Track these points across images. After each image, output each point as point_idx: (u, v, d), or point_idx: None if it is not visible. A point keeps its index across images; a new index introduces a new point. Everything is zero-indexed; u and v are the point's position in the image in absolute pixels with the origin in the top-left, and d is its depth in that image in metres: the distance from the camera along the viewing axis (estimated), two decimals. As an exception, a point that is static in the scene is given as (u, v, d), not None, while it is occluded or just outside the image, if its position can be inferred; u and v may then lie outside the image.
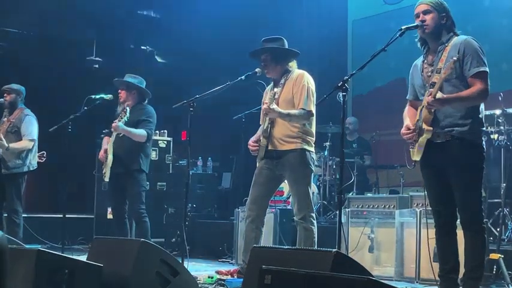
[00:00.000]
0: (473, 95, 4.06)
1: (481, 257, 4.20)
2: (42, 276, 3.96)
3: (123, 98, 6.57)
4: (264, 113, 5.28)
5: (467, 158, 4.10)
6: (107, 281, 4.21)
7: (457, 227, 4.27)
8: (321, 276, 2.85)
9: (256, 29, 9.51)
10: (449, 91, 4.10)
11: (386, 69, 9.88)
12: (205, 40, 11.22)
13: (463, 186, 4.12)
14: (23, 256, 4.06)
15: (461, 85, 4.10)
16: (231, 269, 5.93)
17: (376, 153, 9.20)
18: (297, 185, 5.22)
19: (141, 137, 6.40)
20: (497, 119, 6.52)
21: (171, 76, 11.58)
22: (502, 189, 6.34)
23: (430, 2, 4.26)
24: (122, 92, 6.58)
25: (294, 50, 5.46)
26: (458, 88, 4.10)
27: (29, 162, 7.09)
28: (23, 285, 3.88)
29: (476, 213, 4.14)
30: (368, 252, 6.28)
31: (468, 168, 4.11)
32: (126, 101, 6.56)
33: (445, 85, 4.10)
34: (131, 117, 6.41)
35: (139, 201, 6.41)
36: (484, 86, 4.06)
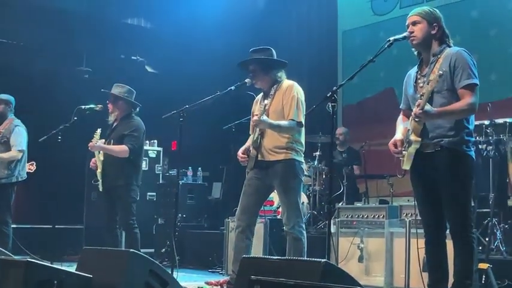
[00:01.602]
0: (461, 108, 4.08)
1: (470, 267, 4.21)
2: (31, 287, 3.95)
3: (111, 108, 6.58)
4: (254, 124, 5.29)
5: (456, 168, 4.12)
6: (96, 291, 4.20)
7: (447, 236, 4.28)
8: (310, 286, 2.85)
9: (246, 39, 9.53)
10: (440, 103, 4.11)
11: (376, 80, 9.93)
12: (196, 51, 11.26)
13: (452, 196, 4.13)
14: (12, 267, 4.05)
15: (452, 97, 4.12)
16: (220, 280, 5.94)
17: (366, 163, 9.22)
18: (286, 195, 5.23)
19: (122, 153, 6.38)
20: (485, 129, 6.55)
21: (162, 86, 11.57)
22: (491, 199, 6.36)
23: (420, 12, 4.28)
24: (110, 105, 6.59)
25: (282, 61, 5.46)
26: (449, 100, 4.11)
27: (18, 172, 7.07)
28: (11, 296, 3.86)
29: (465, 223, 4.15)
30: (358, 262, 6.29)
31: (457, 178, 4.12)
32: (113, 112, 6.57)
33: (436, 96, 4.12)
34: (118, 130, 6.41)
35: (129, 212, 6.39)
36: (473, 99, 4.07)
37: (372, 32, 10.54)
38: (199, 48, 11.15)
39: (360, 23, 11.15)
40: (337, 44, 11.49)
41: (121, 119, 6.57)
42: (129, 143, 6.38)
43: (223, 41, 10.85)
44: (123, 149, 6.36)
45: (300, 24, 11.56)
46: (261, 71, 5.36)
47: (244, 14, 11.14)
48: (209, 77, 10.43)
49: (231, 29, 10.92)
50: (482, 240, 6.17)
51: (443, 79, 4.08)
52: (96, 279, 4.19)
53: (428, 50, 4.28)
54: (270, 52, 5.44)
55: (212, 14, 10.94)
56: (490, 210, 6.35)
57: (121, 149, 6.36)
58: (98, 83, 7.76)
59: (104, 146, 6.32)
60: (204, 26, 11.00)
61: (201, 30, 11.04)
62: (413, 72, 4.39)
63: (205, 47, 11.08)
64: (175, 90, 10.90)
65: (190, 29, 11.14)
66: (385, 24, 10.40)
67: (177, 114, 5.70)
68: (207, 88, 6.40)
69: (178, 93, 10.33)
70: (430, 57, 4.26)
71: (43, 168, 7.61)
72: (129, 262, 4.27)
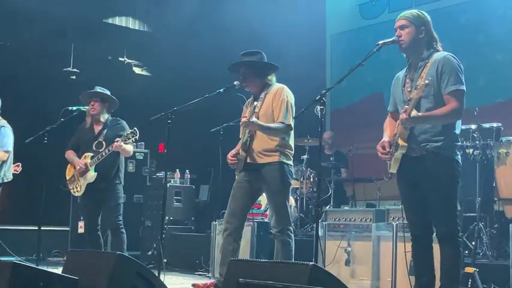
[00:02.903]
0: (446, 114, 4.11)
1: (456, 271, 4.23)
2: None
3: (97, 110, 6.51)
4: (243, 125, 5.30)
5: (442, 172, 4.14)
6: (83, 294, 4.20)
7: (433, 240, 4.30)
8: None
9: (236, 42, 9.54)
10: (426, 107, 4.14)
11: (364, 84, 9.97)
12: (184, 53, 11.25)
13: (438, 199, 4.15)
14: (-2, 268, 4.04)
15: (438, 102, 4.14)
16: (207, 282, 5.92)
17: (353, 166, 9.25)
18: (275, 198, 5.24)
19: (130, 153, 6.52)
20: (472, 134, 6.60)
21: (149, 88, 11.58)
22: (477, 203, 6.40)
23: (408, 16, 4.30)
24: (96, 104, 6.52)
25: (273, 64, 5.48)
26: (436, 104, 4.13)
27: (3, 173, 7.04)
28: (-3, 298, 3.85)
29: (452, 227, 4.17)
30: (345, 265, 6.30)
31: (443, 182, 4.15)
32: (100, 113, 6.53)
33: (423, 101, 4.14)
34: (110, 132, 6.39)
35: (118, 212, 6.39)
36: (458, 105, 4.10)
37: (360, 35, 10.59)
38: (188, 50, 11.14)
39: (348, 26, 11.21)
40: (326, 47, 11.54)
41: (107, 121, 6.55)
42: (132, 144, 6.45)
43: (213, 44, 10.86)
44: (131, 149, 6.49)
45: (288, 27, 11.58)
46: (251, 74, 5.37)
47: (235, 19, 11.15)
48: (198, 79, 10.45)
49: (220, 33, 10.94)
50: (469, 244, 6.21)
51: (431, 83, 4.10)
52: (82, 281, 4.18)
53: (417, 53, 4.30)
54: (261, 55, 5.45)
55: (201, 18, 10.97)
56: (477, 215, 6.39)
57: (131, 149, 6.48)
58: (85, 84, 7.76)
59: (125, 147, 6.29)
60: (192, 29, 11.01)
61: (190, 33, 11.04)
62: (402, 76, 4.41)
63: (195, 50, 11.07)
64: (162, 92, 10.91)
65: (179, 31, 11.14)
66: (373, 28, 10.46)
67: (165, 116, 5.69)
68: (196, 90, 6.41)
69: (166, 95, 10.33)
70: (419, 62, 4.28)
71: (29, 170, 7.58)
72: (115, 264, 4.26)
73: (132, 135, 6.21)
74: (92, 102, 6.54)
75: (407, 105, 4.06)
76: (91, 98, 6.56)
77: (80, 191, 6.47)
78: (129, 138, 6.20)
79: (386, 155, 4.28)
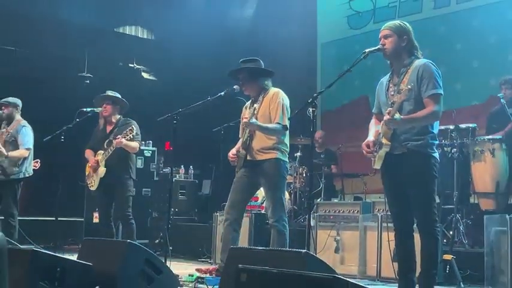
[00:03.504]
0: (425, 116, 4.11)
1: (435, 258, 4.24)
2: (36, 274, 3.94)
3: (109, 112, 6.54)
4: (243, 126, 5.31)
5: (421, 168, 4.14)
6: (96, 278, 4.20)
7: (414, 230, 4.31)
8: (291, 274, 2.87)
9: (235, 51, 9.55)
10: (408, 110, 4.14)
11: (352, 88, 9.96)
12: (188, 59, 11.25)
13: (418, 193, 4.15)
14: (19, 255, 4.03)
15: (418, 105, 4.13)
16: (210, 268, 5.92)
17: (342, 163, 9.25)
18: (271, 192, 5.24)
19: (135, 149, 6.44)
20: (450, 134, 6.60)
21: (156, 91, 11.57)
22: (455, 196, 6.41)
23: (391, 26, 4.29)
24: (108, 107, 6.54)
25: (269, 70, 5.49)
26: (416, 107, 4.13)
27: (25, 169, 7.03)
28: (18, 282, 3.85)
29: (431, 218, 4.17)
30: (334, 252, 6.31)
31: (423, 177, 4.14)
32: (111, 114, 6.55)
33: (405, 104, 4.14)
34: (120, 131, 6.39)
35: (127, 205, 6.39)
36: (436, 108, 4.10)
37: (348, 44, 10.58)
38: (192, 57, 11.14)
39: (337, 36, 11.20)
40: (317, 55, 11.54)
41: (118, 121, 6.55)
42: (137, 141, 6.42)
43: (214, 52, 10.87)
44: (137, 145, 6.42)
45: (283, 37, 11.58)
46: (250, 79, 5.37)
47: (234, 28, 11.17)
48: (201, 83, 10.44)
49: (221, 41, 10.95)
50: (447, 233, 6.22)
51: (412, 88, 4.11)
52: (96, 267, 4.18)
53: (399, 60, 4.29)
54: (258, 62, 5.47)
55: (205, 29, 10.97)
56: (454, 207, 6.40)
57: (136, 146, 6.41)
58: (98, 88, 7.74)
59: (127, 143, 6.28)
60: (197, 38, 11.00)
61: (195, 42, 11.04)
62: (385, 81, 4.41)
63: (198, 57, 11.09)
64: (169, 95, 10.90)
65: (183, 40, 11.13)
66: (360, 38, 10.45)
67: (171, 117, 5.70)
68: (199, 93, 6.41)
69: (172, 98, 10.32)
70: (401, 68, 4.27)
71: (47, 166, 7.57)
72: (126, 252, 4.28)
73: (129, 132, 6.23)
74: (104, 105, 6.56)
75: (391, 108, 4.07)
76: (103, 101, 6.58)
77: (94, 186, 6.48)
78: (128, 134, 6.23)
79: (370, 153, 4.28)
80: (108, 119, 6.56)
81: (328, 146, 9.50)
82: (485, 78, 8.65)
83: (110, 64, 11.58)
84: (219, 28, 11.19)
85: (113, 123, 6.57)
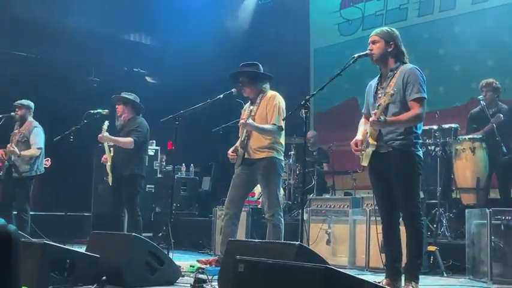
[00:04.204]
0: (409, 118, 4.11)
1: (420, 249, 4.26)
2: (47, 265, 3.95)
3: (120, 111, 6.55)
4: (242, 126, 5.31)
5: (406, 166, 4.14)
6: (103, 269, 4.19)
7: (400, 223, 4.31)
8: (286, 265, 2.87)
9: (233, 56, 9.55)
10: (393, 112, 4.14)
11: (342, 91, 9.96)
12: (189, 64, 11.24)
13: (403, 189, 4.15)
14: (31, 248, 4.04)
15: (403, 107, 4.14)
16: (209, 259, 5.93)
17: (333, 161, 9.25)
18: (268, 188, 5.24)
19: (127, 144, 6.33)
20: (434, 133, 6.63)
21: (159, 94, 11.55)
22: (438, 192, 6.42)
23: (379, 33, 4.30)
24: (119, 107, 6.55)
25: (268, 74, 5.50)
26: (401, 109, 4.13)
27: (36, 167, 7.02)
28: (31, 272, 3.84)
29: (416, 212, 4.18)
30: (326, 244, 6.31)
31: (407, 174, 4.14)
32: (123, 114, 6.54)
33: (391, 106, 4.14)
34: (126, 128, 6.39)
35: (134, 201, 6.35)
36: (420, 111, 4.10)
37: (338, 49, 10.57)
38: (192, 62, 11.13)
39: (328, 42, 11.20)
40: (310, 59, 11.54)
41: (129, 120, 6.54)
42: (134, 136, 6.34)
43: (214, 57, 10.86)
44: (129, 140, 6.32)
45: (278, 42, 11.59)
46: (249, 82, 5.37)
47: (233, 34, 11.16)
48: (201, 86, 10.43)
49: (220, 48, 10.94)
50: (431, 226, 6.24)
51: (397, 92, 4.12)
52: (103, 258, 4.18)
53: (386, 65, 4.29)
54: (257, 66, 5.47)
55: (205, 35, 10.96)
56: (438, 202, 6.41)
57: (126, 141, 6.32)
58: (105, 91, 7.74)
59: (111, 137, 6.26)
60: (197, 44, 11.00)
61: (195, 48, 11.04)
62: (374, 83, 4.41)
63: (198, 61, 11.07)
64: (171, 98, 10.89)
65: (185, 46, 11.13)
66: (350, 43, 10.45)
67: (173, 118, 5.70)
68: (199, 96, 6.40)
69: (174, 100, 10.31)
70: (388, 72, 4.28)
71: (57, 164, 7.56)
72: (131, 244, 4.28)
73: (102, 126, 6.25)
74: (116, 106, 6.58)
75: (377, 110, 4.08)
76: (116, 101, 6.59)
77: (110, 181, 6.46)
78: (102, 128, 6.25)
79: (358, 151, 4.29)
80: (122, 118, 6.56)
81: (320, 145, 9.50)
82: (466, 81, 8.65)
83: (116, 69, 11.57)
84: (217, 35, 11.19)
85: (125, 121, 6.56)
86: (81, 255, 4.19)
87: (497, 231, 4.91)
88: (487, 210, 4.99)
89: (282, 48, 11.44)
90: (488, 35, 8.71)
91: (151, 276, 4.24)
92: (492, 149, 6.53)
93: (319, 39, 11.49)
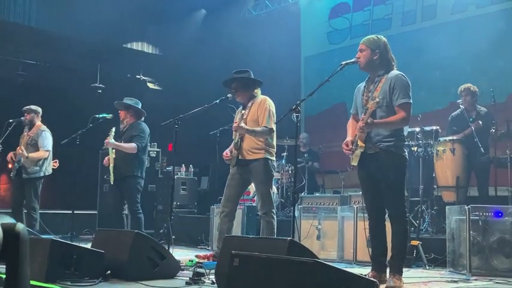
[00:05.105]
0: (396, 121, 4.12)
1: (404, 243, 4.26)
2: (55, 260, 3.93)
3: (123, 116, 6.53)
4: (234, 130, 5.30)
5: (392, 166, 4.15)
6: (108, 264, 4.18)
7: (386, 219, 4.32)
8: (278, 259, 2.87)
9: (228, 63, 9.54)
10: (380, 115, 4.15)
11: (331, 95, 9.96)
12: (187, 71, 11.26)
13: (389, 188, 4.16)
14: (40, 244, 4.03)
15: (390, 111, 4.14)
16: (207, 254, 5.91)
17: (323, 161, 9.26)
18: (261, 187, 5.23)
19: (131, 149, 6.29)
20: (416, 135, 6.64)
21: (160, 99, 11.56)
22: (421, 190, 6.44)
23: (365, 42, 4.30)
24: (122, 112, 6.53)
25: (258, 80, 5.48)
26: (388, 113, 4.14)
27: (44, 168, 6.99)
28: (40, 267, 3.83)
29: (401, 209, 4.19)
30: (316, 239, 6.31)
31: (393, 173, 4.15)
32: (125, 119, 6.52)
33: (378, 111, 4.15)
34: (128, 132, 6.37)
35: (134, 200, 6.32)
36: (406, 115, 4.11)
37: (328, 57, 10.59)
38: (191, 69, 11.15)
39: (318, 50, 11.22)
40: (301, 67, 11.55)
41: (131, 124, 6.52)
42: (137, 142, 6.31)
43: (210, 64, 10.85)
44: (132, 146, 6.28)
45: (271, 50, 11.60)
46: (241, 88, 5.36)
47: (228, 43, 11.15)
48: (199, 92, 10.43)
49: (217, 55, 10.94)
50: (414, 222, 6.24)
51: (384, 98, 4.12)
52: (107, 254, 4.17)
53: (373, 71, 4.29)
54: (249, 73, 5.46)
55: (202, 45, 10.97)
56: (420, 199, 6.42)
57: (130, 146, 6.29)
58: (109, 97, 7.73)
59: (116, 143, 6.24)
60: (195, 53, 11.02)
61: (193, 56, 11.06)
62: (362, 86, 4.41)
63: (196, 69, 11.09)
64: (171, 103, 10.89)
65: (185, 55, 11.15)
66: (338, 52, 10.47)
67: (173, 122, 5.68)
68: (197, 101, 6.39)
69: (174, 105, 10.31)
70: (375, 77, 4.28)
71: (65, 165, 7.54)
72: (134, 240, 4.26)
73: (110, 132, 6.23)
74: (119, 111, 6.56)
75: (365, 115, 4.08)
76: (118, 107, 6.58)
77: (112, 180, 6.44)
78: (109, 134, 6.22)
79: (349, 151, 4.29)
80: (124, 122, 6.54)
81: (310, 146, 9.51)
82: (446, 86, 8.67)
83: (119, 76, 11.57)
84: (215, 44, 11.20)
85: (126, 126, 6.54)
86: (87, 251, 4.18)
87: (475, 227, 4.92)
88: (466, 207, 5.00)
89: (275, 56, 11.45)
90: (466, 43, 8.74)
91: (153, 270, 4.23)
92: (471, 150, 6.54)
93: (309, 47, 11.51)
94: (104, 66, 11.31)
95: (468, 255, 4.87)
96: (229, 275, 3.02)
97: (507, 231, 4.83)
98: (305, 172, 8.46)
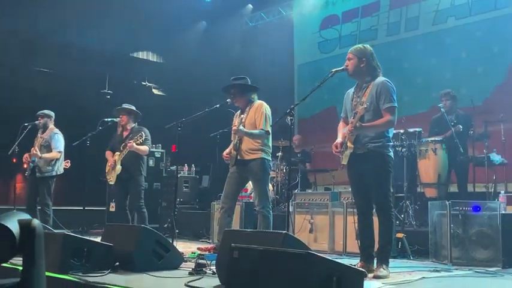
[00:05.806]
0: (382, 124, 4.12)
1: (390, 236, 4.26)
2: (67, 253, 3.92)
3: (125, 121, 6.52)
4: (233, 132, 5.30)
5: (379, 165, 4.16)
6: (116, 256, 4.17)
7: (373, 214, 4.32)
8: (274, 251, 2.87)
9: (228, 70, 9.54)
10: (367, 118, 4.15)
11: (322, 100, 10.01)
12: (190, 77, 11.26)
13: (376, 184, 4.17)
14: (53, 238, 4.02)
15: (377, 115, 4.14)
16: (208, 246, 5.91)
17: (315, 161, 9.26)
18: (258, 184, 5.23)
19: (145, 152, 6.38)
20: (401, 136, 6.65)
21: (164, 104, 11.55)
22: (405, 187, 6.45)
23: (352, 51, 4.30)
24: (124, 117, 6.53)
25: (255, 86, 5.48)
26: (375, 116, 4.14)
27: (57, 168, 6.97)
28: (53, 260, 3.82)
29: (387, 204, 4.19)
30: (309, 233, 6.31)
31: (380, 172, 4.16)
32: (127, 123, 6.52)
33: (366, 115, 4.14)
34: (133, 137, 6.35)
35: (139, 197, 6.33)
36: (392, 118, 4.12)
37: (319, 65, 10.61)
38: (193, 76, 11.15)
39: (310, 58, 11.25)
40: (294, 74, 11.57)
41: (132, 128, 6.52)
42: (148, 145, 6.38)
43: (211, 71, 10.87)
44: (146, 149, 6.35)
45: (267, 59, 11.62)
46: (239, 93, 5.35)
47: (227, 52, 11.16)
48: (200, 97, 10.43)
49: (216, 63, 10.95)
50: (399, 216, 6.25)
51: (371, 102, 4.12)
52: (116, 247, 4.16)
53: (361, 78, 4.30)
54: (246, 80, 5.46)
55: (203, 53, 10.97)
56: (404, 195, 6.44)
57: (145, 149, 6.34)
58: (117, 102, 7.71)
59: (136, 146, 6.24)
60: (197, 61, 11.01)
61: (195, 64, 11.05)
62: (351, 92, 4.41)
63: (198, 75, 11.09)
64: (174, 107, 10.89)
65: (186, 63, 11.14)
66: (328, 60, 10.49)
67: (176, 125, 5.67)
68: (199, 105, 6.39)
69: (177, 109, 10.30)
70: (363, 83, 4.29)
71: (76, 165, 7.52)
72: (140, 234, 4.25)
73: (139, 138, 6.20)
74: (121, 115, 6.54)
75: (354, 118, 4.08)
76: (120, 112, 6.56)
77: (112, 181, 6.43)
78: (138, 139, 6.20)
79: (338, 152, 4.29)
80: (124, 126, 6.54)
81: (303, 147, 9.51)
82: (428, 91, 8.71)
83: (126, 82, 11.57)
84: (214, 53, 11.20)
85: (128, 130, 6.53)
86: (97, 244, 4.16)
87: (455, 220, 4.93)
88: (447, 202, 5.01)
89: (270, 64, 11.46)
90: (446, 51, 8.78)
91: (158, 262, 4.22)
92: (451, 150, 6.56)
93: (302, 56, 11.54)
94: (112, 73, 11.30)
95: (449, 246, 4.88)
96: (229, 266, 3.02)
97: (485, 224, 4.84)
98: (298, 171, 8.46)
